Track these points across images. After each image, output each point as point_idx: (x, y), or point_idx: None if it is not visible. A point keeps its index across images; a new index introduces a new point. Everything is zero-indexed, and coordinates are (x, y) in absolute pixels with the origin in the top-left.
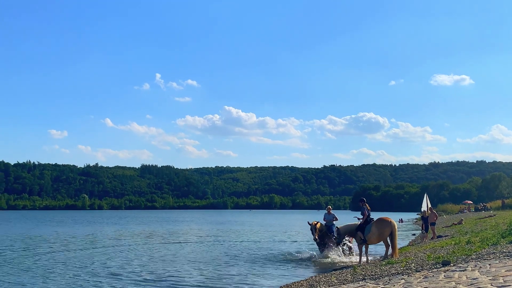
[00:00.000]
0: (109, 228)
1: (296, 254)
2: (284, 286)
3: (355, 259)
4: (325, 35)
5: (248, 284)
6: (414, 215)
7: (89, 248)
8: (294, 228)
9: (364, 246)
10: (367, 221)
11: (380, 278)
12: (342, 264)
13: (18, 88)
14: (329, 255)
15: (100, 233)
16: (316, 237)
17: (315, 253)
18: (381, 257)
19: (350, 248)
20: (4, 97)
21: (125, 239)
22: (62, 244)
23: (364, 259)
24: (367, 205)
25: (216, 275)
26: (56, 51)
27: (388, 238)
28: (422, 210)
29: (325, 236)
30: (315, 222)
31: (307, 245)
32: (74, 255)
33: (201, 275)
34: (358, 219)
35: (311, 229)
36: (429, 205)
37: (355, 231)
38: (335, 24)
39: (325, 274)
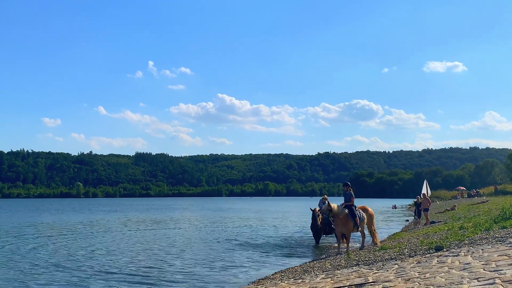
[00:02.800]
0: (111, 215)
1: (291, 240)
2: (279, 272)
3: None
4: (319, 23)
5: (243, 270)
6: (407, 201)
7: (102, 233)
8: (291, 214)
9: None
10: (351, 207)
11: (373, 264)
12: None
13: (11, 76)
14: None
15: (104, 220)
16: (319, 224)
17: (310, 240)
18: (371, 244)
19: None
20: None
21: (131, 225)
22: (70, 231)
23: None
24: (351, 189)
25: (211, 261)
26: (49, 39)
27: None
28: (422, 194)
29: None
30: (318, 209)
31: (302, 231)
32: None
33: (196, 261)
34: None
35: (313, 216)
36: (429, 191)
37: (353, 218)
38: (329, 11)
39: (320, 260)
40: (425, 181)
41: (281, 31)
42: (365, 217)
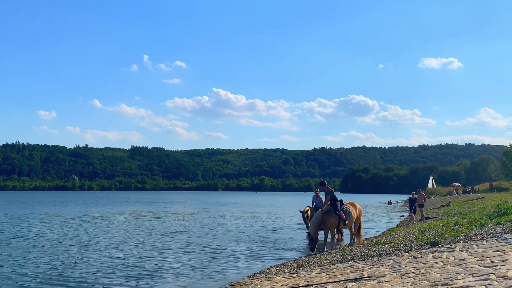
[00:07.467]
0: (118, 208)
1: (286, 235)
2: (274, 266)
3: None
4: (314, 18)
5: (238, 264)
6: (402, 197)
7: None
8: (286, 209)
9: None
10: (335, 203)
11: (369, 259)
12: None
13: (5, 69)
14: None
15: (117, 212)
16: (309, 223)
17: (305, 235)
18: (366, 239)
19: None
20: None
21: (128, 218)
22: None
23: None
24: (329, 187)
25: (206, 255)
26: (44, 32)
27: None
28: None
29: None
30: (307, 209)
31: (297, 225)
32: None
33: (190, 255)
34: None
35: (303, 219)
36: (434, 185)
37: (337, 214)
38: (325, 7)
39: (315, 255)
40: (431, 176)
41: (276, 26)
42: (353, 213)
